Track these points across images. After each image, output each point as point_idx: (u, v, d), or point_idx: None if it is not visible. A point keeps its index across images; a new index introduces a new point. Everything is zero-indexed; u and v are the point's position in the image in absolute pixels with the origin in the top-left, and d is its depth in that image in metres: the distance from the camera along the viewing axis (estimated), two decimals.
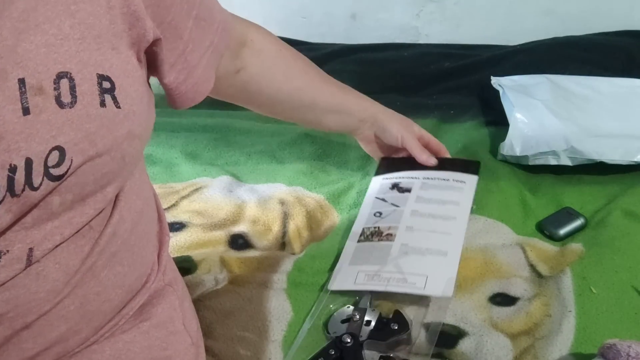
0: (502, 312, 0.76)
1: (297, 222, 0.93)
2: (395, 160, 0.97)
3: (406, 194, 0.90)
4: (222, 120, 1.20)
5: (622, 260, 0.82)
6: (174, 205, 0.98)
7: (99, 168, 0.49)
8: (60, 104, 0.45)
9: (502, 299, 0.78)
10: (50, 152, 0.45)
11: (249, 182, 1.04)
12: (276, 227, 0.93)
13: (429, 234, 0.83)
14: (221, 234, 0.92)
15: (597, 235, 0.86)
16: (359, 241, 0.85)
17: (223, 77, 0.75)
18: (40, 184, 0.45)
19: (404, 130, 0.93)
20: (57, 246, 0.50)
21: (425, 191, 0.90)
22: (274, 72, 0.84)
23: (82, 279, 0.53)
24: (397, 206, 0.88)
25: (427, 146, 0.95)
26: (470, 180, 0.91)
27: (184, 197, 1.00)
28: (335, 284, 0.79)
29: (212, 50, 0.66)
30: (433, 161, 0.93)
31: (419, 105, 1.22)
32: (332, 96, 0.90)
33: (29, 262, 0.48)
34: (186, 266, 0.85)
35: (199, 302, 0.78)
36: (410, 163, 0.94)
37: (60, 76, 0.46)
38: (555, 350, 0.70)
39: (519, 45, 1.40)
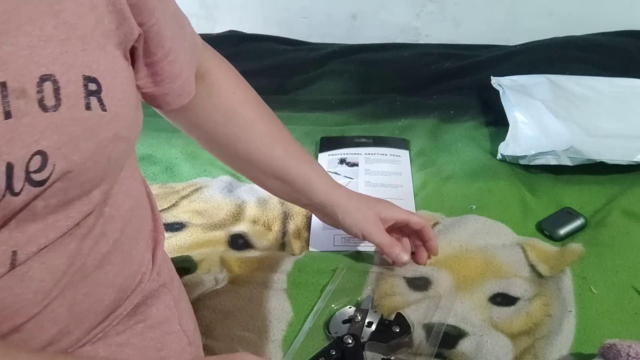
0: (502, 312, 0.76)
1: (297, 222, 0.93)
2: (336, 139, 1.12)
3: (355, 167, 1.04)
4: None
5: (622, 260, 0.82)
6: (174, 205, 0.98)
7: (83, 173, 0.48)
8: (43, 107, 0.44)
9: (502, 299, 0.78)
10: (32, 157, 0.44)
11: (249, 182, 1.03)
12: (276, 227, 0.93)
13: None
14: (221, 234, 0.92)
15: (597, 235, 0.86)
16: None
17: None
18: (22, 189, 0.44)
19: (366, 225, 0.79)
20: (42, 249, 0.49)
21: (371, 165, 1.05)
22: (218, 114, 0.73)
23: (70, 280, 0.52)
24: (350, 178, 1.02)
25: (407, 226, 0.83)
26: (404, 155, 1.07)
27: (184, 197, 1.00)
28: (313, 246, 0.89)
29: (191, 62, 0.63)
30: (405, 259, 0.80)
31: (419, 105, 1.22)
32: (278, 161, 0.77)
33: (13, 265, 0.47)
34: (186, 266, 0.85)
35: (199, 302, 0.78)
36: (349, 141, 1.09)
37: (43, 79, 0.44)
38: (555, 350, 0.70)
39: (519, 45, 1.40)
